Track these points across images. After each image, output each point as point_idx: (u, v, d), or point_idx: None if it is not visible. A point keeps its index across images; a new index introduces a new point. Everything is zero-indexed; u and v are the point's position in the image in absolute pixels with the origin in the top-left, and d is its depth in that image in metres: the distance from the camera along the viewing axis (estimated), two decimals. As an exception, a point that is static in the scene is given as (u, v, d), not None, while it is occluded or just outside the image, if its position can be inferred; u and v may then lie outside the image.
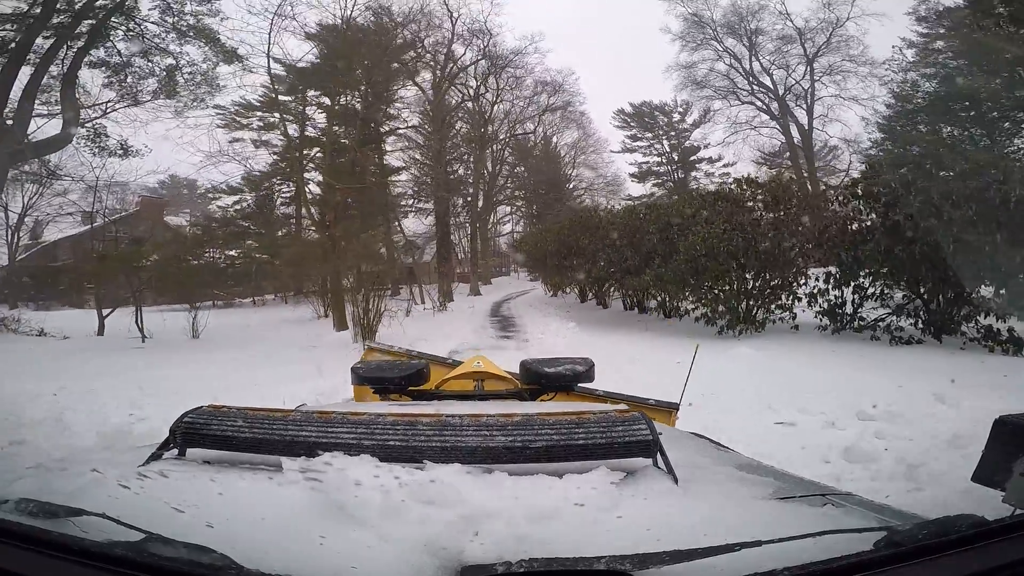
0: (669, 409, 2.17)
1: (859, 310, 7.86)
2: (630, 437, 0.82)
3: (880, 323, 7.46)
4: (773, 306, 8.41)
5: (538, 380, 1.82)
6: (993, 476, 0.75)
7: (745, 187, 9.11)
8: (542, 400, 1.82)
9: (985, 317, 6.65)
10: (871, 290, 7.70)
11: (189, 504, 0.71)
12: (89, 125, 15.15)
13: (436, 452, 0.79)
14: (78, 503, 0.66)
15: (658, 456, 0.83)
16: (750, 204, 8.79)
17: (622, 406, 1.09)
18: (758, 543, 0.58)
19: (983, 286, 6.82)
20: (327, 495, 0.69)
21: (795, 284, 8.26)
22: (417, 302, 18.52)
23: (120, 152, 15.77)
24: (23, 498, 0.68)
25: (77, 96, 14.56)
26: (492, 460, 0.79)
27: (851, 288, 7.85)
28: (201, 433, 0.87)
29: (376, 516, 0.65)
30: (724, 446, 1.34)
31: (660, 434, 0.85)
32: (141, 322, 12.09)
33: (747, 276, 8.07)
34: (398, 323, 9.36)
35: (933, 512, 0.71)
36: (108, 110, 15.00)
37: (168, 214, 33.09)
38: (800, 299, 8.22)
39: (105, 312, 13.27)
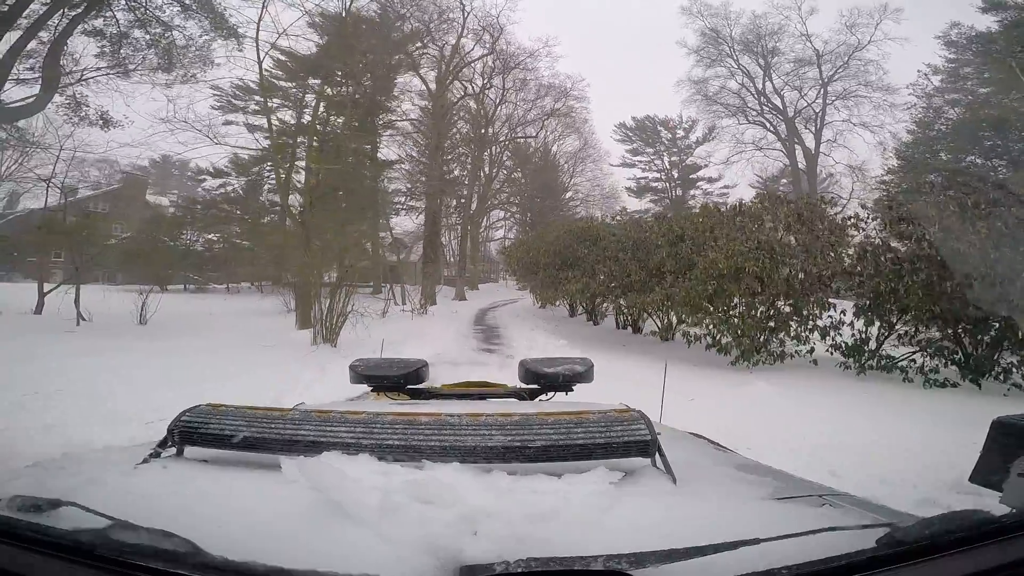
0: None
1: (881, 347, 6.95)
2: (629, 437, 0.82)
3: (912, 363, 6.52)
4: (788, 337, 7.43)
5: (537, 380, 1.81)
6: (991, 477, 0.73)
7: (767, 203, 8.19)
8: (540, 400, 1.81)
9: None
10: (902, 327, 6.78)
11: (187, 503, 0.71)
12: (68, 95, 14.07)
13: (435, 451, 0.79)
14: (76, 502, 0.65)
15: (656, 456, 0.83)
16: (770, 223, 7.86)
17: (620, 405, 1.04)
18: (756, 541, 0.58)
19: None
20: (326, 495, 0.68)
21: (814, 315, 7.27)
22: (397, 303, 17.39)
23: (99, 123, 14.72)
24: (16, 495, 0.68)
25: (62, 63, 13.48)
26: (491, 460, 0.79)
27: (877, 323, 6.94)
28: (199, 432, 0.86)
29: (375, 516, 0.64)
30: (723, 446, 1.29)
31: (659, 434, 0.84)
32: (78, 302, 10.83)
33: (777, 303, 7.05)
34: (364, 326, 8.17)
35: (932, 512, 0.67)
36: (83, 77, 13.74)
37: (156, 193, 31.82)
38: (823, 331, 7.26)
39: (47, 288, 11.94)
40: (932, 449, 3.64)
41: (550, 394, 1.85)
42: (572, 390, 1.85)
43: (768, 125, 29.59)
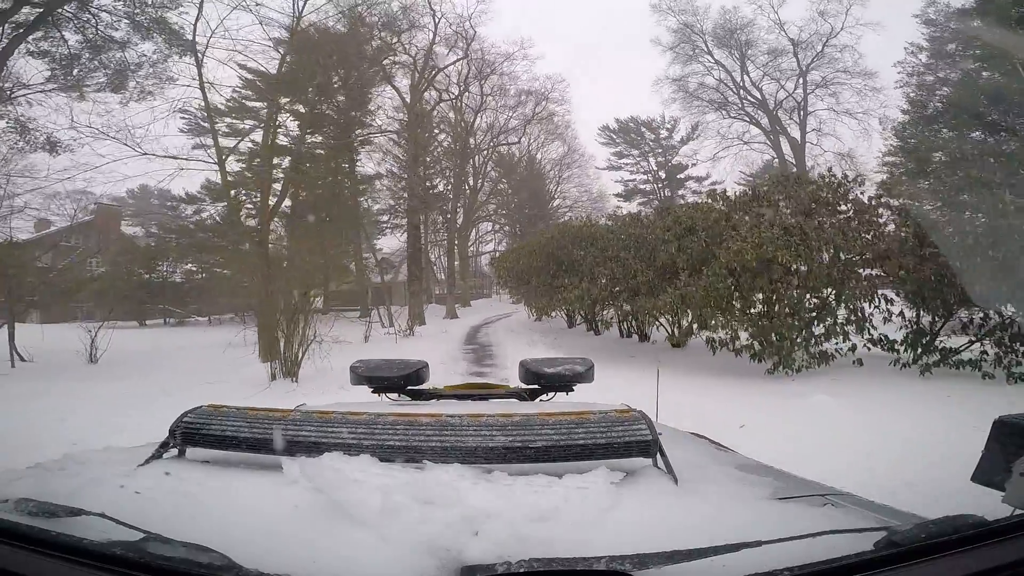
0: None
1: (937, 339, 6.02)
2: (630, 437, 0.81)
3: (984, 356, 5.56)
4: (824, 334, 6.44)
5: (538, 380, 1.81)
6: (993, 476, 0.73)
7: (783, 185, 7.27)
8: (541, 400, 1.83)
9: None
10: (964, 314, 5.84)
11: (189, 504, 0.71)
12: (11, 118, 13.08)
13: (436, 452, 0.78)
14: (78, 503, 0.65)
15: (658, 456, 0.82)
16: (788, 207, 6.94)
17: (621, 405, 1.05)
18: (758, 543, 0.58)
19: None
20: (327, 495, 0.68)
21: (860, 307, 6.29)
22: (384, 325, 16.28)
23: (46, 147, 13.68)
24: (22, 498, 0.67)
25: (3, 85, 12.51)
26: (492, 460, 0.78)
27: (931, 312, 6.00)
28: (201, 433, 0.86)
29: (376, 516, 0.64)
30: (724, 446, 1.27)
31: (660, 434, 0.83)
32: (13, 341, 9.74)
33: (806, 294, 6.06)
34: (322, 355, 7.07)
35: (933, 512, 0.68)
36: (13, 96, 12.68)
37: (136, 224, 30.46)
38: (860, 324, 6.29)
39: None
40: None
41: (551, 394, 1.84)
42: (572, 390, 1.84)
43: (751, 118, 29.05)
